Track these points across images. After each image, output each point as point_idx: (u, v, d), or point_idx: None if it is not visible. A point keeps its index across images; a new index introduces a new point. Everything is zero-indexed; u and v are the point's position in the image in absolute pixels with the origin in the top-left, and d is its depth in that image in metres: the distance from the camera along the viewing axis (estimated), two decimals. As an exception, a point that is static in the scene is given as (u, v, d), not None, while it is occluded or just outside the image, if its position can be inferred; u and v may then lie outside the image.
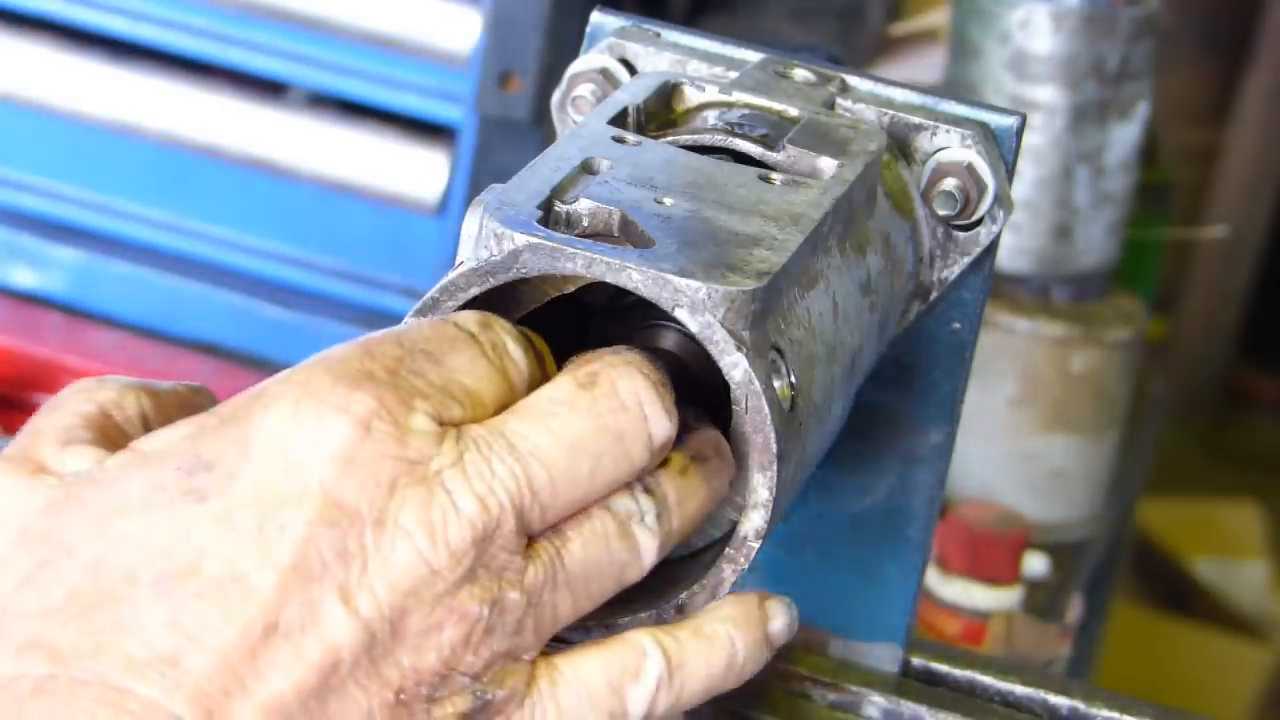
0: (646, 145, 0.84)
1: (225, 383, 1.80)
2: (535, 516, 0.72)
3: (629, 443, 0.73)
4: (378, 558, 0.69)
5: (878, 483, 0.97)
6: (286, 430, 0.69)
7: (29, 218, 1.89)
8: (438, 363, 0.73)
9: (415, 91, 1.79)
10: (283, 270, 1.86)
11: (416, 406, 0.71)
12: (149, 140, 1.86)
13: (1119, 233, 2.06)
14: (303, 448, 0.69)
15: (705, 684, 0.75)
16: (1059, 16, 1.97)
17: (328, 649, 0.68)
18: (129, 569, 0.68)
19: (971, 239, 0.92)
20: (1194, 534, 3.82)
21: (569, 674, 0.73)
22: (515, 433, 0.72)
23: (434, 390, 0.72)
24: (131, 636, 0.67)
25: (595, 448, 0.73)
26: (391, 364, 0.72)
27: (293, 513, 0.68)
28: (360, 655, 0.68)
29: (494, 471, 0.71)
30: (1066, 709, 0.99)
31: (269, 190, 1.85)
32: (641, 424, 0.73)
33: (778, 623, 0.78)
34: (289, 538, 0.68)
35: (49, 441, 0.75)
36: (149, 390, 0.79)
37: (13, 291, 1.87)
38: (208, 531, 0.68)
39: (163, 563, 0.68)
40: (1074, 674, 1.97)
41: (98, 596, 0.68)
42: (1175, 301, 4.25)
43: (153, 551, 0.68)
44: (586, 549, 0.73)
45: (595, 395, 0.73)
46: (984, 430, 2.01)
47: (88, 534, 0.70)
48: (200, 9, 1.82)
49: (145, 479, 0.70)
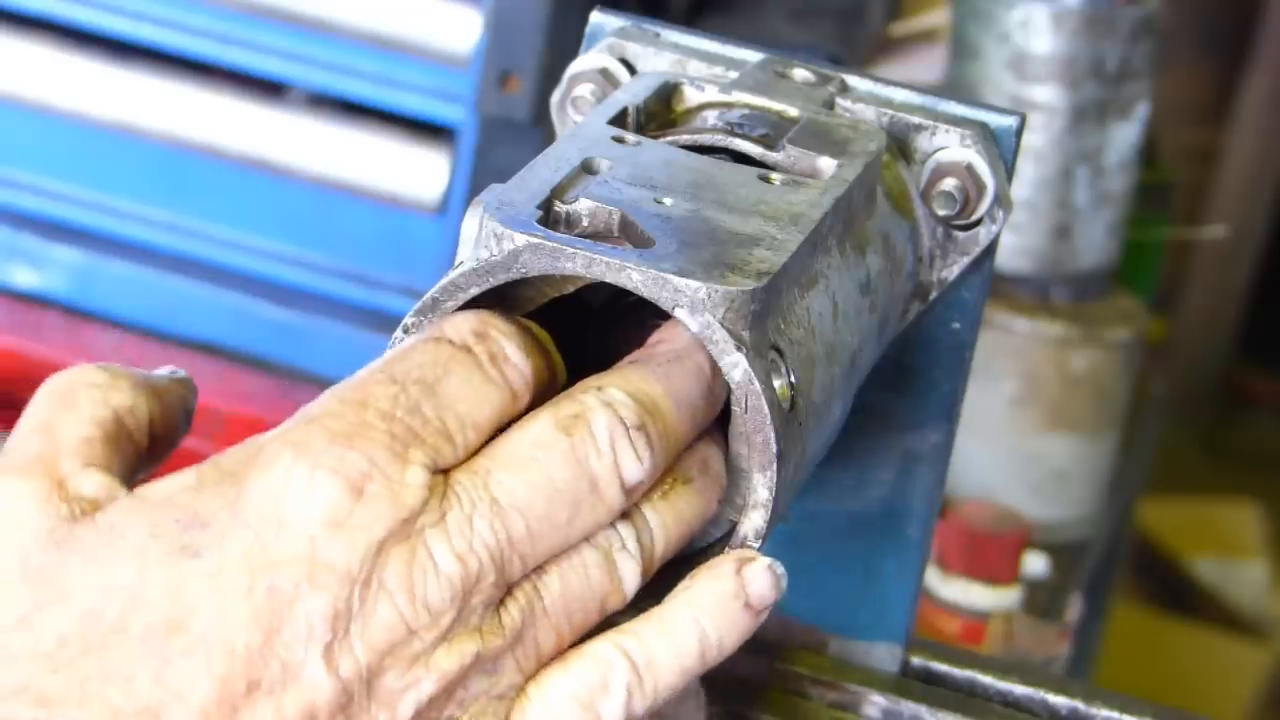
0: (646, 145, 0.84)
1: (225, 383, 1.82)
2: (515, 568, 0.72)
3: (604, 488, 0.73)
4: (361, 617, 0.70)
5: (878, 483, 0.97)
6: (280, 492, 0.70)
7: (29, 218, 1.89)
8: (433, 394, 0.73)
9: (415, 91, 1.79)
10: (283, 270, 1.86)
11: (410, 459, 0.71)
12: (149, 140, 1.86)
13: (1119, 233, 2.06)
14: (295, 510, 0.70)
15: (679, 675, 0.75)
16: (1059, 16, 1.97)
17: (305, 707, 0.69)
18: (119, 619, 0.69)
19: (971, 239, 0.92)
20: (1194, 534, 3.82)
21: (537, 701, 0.73)
22: (498, 484, 0.72)
23: (429, 431, 0.72)
24: (117, 687, 0.68)
25: (573, 496, 0.73)
26: (387, 407, 0.72)
27: (282, 574, 0.69)
28: (336, 713, 0.69)
29: (474, 529, 0.71)
30: (1066, 709, 0.99)
31: (269, 190, 1.85)
32: (613, 470, 0.73)
33: (757, 586, 0.77)
34: (277, 599, 0.69)
35: (70, 455, 0.74)
36: (155, 390, 0.79)
37: (13, 291, 1.87)
38: (198, 589, 0.69)
39: (152, 616, 0.69)
40: (1074, 674, 1.97)
41: (87, 644, 0.69)
42: (1175, 301, 4.25)
43: (144, 604, 0.69)
44: (565, 582, 0.74)
45: (574, 442, 0.73)
46: (984, 430, 2.01)
47: (84, 579, 0.70)
48: (200, 9, 1.82)
49: (143, 529, 0.71)
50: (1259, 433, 4.58)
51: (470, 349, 0.74)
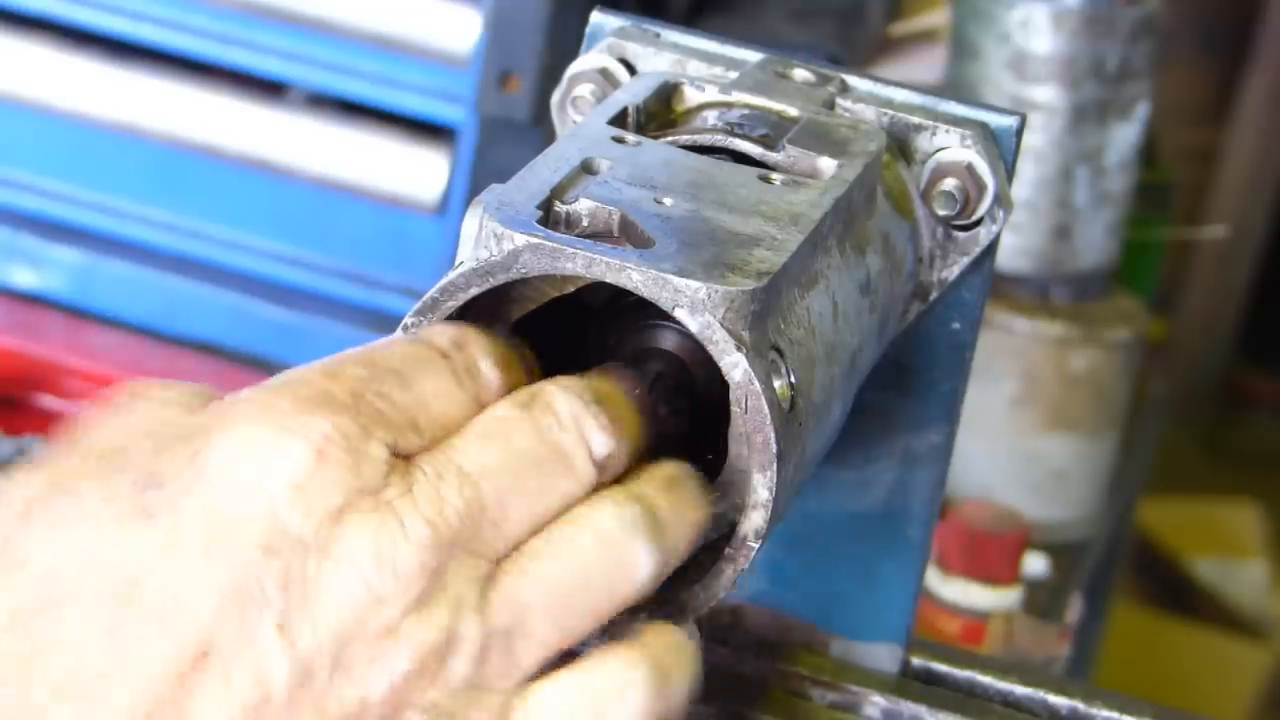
0: (646, 145, 0.84)
1: (225, 383, 1.81)
2: (490, 535, 0.70)
3: (572, 457, 0.72)
4: (319, 587, 0.67)
5: (878, 483, 0.97)
6: (240, 452, 0.68)
7: (29, 218, 1.89)
8: (407, 386, 0.72)
9: (415, 91, 1.79)
10: (283, 270, 1.86)
11: (374, 434, 0.70)
12: (149, 140, 1.86)
13: (1119, 233, 2.06)
14: (254, 471, 0.68)
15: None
16: (1059, 16, 1.97)
17: (258, 681, 0.67)
18: (73, 582, 0.68)
19: (971, 239, 0.92)
20: (1194, 534, 3.82)
21: (535, 705, 0.71)
22: (462, 453, 0.71)
23: (396, 415, 0.71)
24: (63, 654, 0.67)
25: (539, 460, 0.72)
26: (356, 385, 0.71)
27: (238, 537, 0.67)
28: (295, 689, 0.67)
29: (443, 496, 0.70)
30: (1066, 709, 0.99)
31: (269, 190, 1.85)
32: (579, 439, 0.72)
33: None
34: (232, 562, 0.67)
35: None
36: None
37: (13, 291, 1.87)
38: (152, 550, 0.68)
39: (105, 578, 0.67)
40: (1074, 674, 1.97)
41: (38, 608, 0.68)
42: (1175, 301, 4.26)
43: (97, 567, 0.68)
44: (559, 564, 0.71)
45: (534, 413, 0.72)
46: (984, 430, 2.01)
47: (42, 542, 0.69)
48: (200, 9, 1.82)
49: (99, 488, 0.70)
50: (1259, 433, 4.59)
51: (448, 355, 0.73)
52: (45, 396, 1.77)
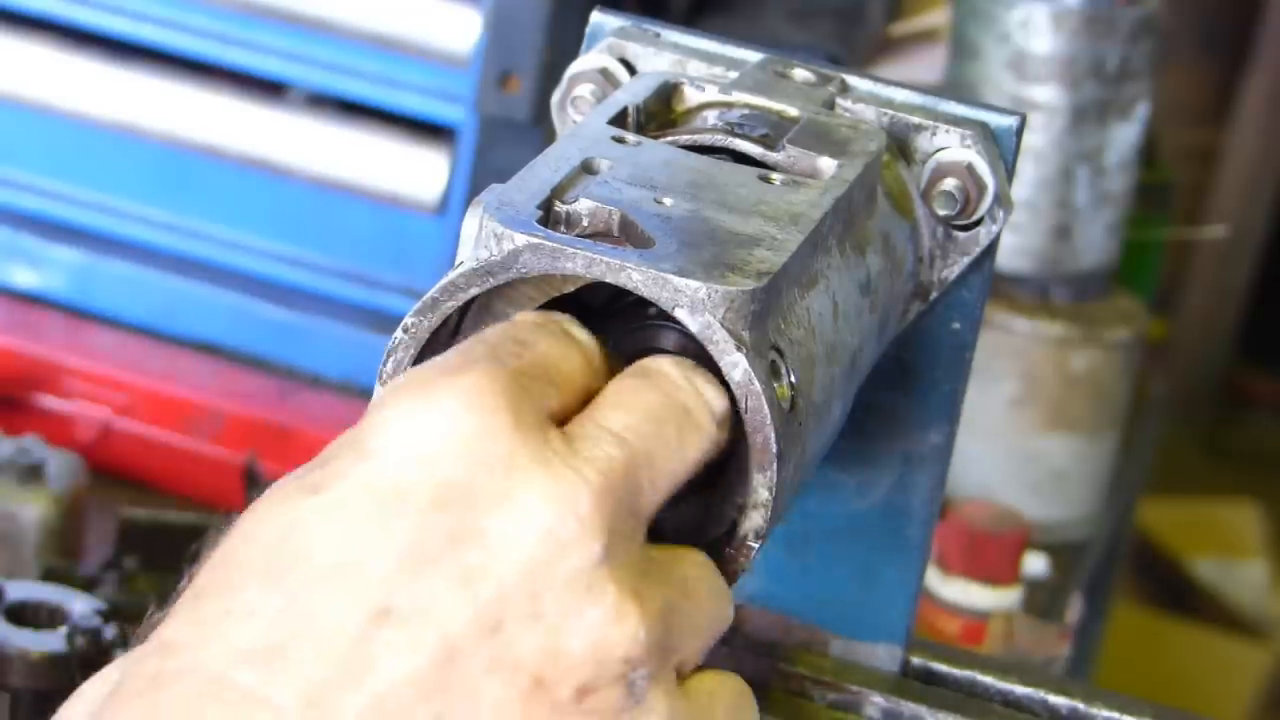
0: (646, 145, 0.84)
1: (225, 383, 1.82)
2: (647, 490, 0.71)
3: (697, 414, 0.74)
4: (500, 538, 0.68)
5: (878, 483, 0.97)
6: (398, 422, 0.69)
7: (29, 218, 1.89)
8: (530, 346, 0.73)
9: (415, 91, 1.79)
10: (283, 270, 1.86)
11: (521, 383, 0.71)
12: (149, 140, 1.86)
13: (1119, 233, 2.06)
14: (414, 434, 0.69)
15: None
16: (1059, 16, 1.97)
17: (444, 635, 0.67)
18: (244, 560, 0.69)
19: (971, 239, 0.92)
20: (1194, 534, 3.83)
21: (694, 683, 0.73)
22: (605, 416, 0.72)
23: (534, 369, 0.72)
24: (239, 625, 0.67)
25: (673, 417, 0.73)
26: (490, 351, 0.72)
27: (408, 498, 0.68)
28: (481, 641, 0.67)
29: (604, 450, 0.70)
30: (1066, 709, 0.99)
31: (269, 190, 1.85)
32: (699, 397, 0.74)
33: None
34: (404, 523, 0.67)
35: None
36: None
37: (13, 291, 1.86)
38: (321, 520, 0.68)
39: (275, 551, 0.68)
40: (1074, 674, 1.97)
41: (210, 588, 0.69)
42: (1175, 301, 4.26)
43: (266, 542, 0.69)
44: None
45: (654, 381, 0.74)
46: (984, 430, 2.01)
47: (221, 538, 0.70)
48: (200, 9, 1.82)
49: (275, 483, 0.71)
50: (1259, 433, 4.59)
51: (546, 325, 0.75)
52: (45, 396, 1.77)
